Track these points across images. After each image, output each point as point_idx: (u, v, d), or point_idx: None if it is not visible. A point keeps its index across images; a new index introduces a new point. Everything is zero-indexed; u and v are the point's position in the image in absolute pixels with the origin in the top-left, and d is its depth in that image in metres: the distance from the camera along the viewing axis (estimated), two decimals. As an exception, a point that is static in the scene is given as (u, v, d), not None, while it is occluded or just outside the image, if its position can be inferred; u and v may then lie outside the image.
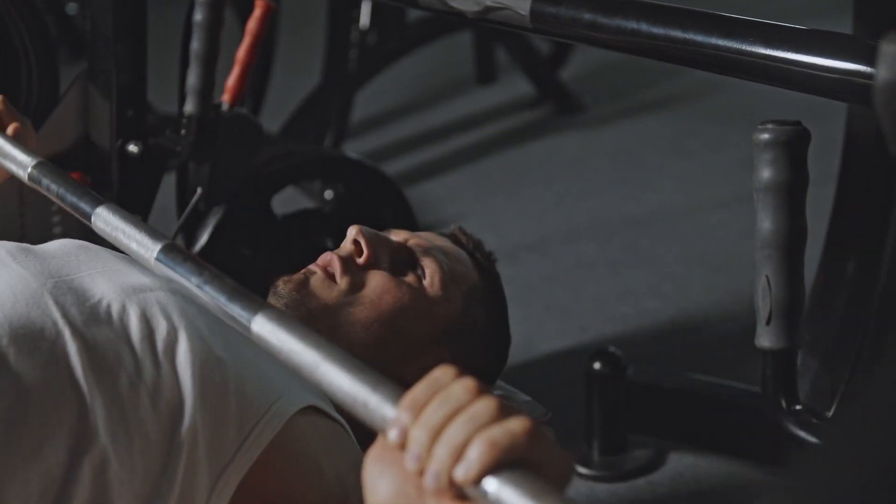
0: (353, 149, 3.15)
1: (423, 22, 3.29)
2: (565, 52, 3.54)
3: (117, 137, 1.78)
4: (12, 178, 1.38)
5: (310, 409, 1.19)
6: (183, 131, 1.77)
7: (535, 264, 2.62)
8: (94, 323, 1.16)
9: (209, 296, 1.01)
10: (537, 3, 1.26)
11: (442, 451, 0.76)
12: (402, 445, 0.79)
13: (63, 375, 1.12)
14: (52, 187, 1.29)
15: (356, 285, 1.34)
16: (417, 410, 0.79)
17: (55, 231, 1.83)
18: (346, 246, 1.37)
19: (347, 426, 1.23)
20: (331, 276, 1.34)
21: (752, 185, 1.16)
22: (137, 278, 1.23)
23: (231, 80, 1.78)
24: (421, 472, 0.78)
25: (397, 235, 1.42)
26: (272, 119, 3.03)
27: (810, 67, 1.05)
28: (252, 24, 1.78)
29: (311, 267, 1.36)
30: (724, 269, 2.52)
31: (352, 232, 1.37)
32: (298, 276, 1.35)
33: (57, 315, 1.15)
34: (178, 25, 1.85)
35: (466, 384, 0.79)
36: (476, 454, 0.75)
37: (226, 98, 1.78)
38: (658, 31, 1.14)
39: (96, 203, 1.21)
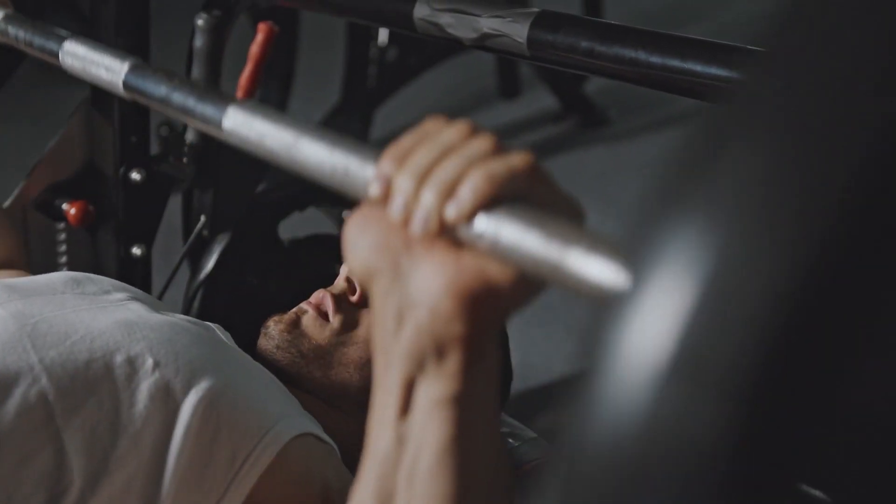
0: (373, 166, 3.12)
1: (444, 37, 3.25)
2: (590, 64, 3.49)
3: (120, 165, 1.75)
4: (17, 209, 1.35)
5: (303, 435, 1.16)
6: (185, 159, 1.73)
7: (557, 284, 2.57)
8: (73, 365, 1.12)
9: (179, 102, 0.96)
10: (534, 31, 1.22)
11: (430, 192, 0.66)
12: (386, 198, 0.68)
13: (38, 422, 1.09)
14: (19, 35, 1.22)
15: (349, 324, 1.30)
16: (403, 159, 0.68)
17: (60, 261, 1.80)
18: (339, 283, 1.33)
19: (338, 451, 1.20)
20: (323, 315, 1.30)
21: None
22: (123, 314, 1.20)
23: (234, 106, 1.75)
24: (407, 222, 0.67)
25: (393, 270, 1.37)
26: (291, 137, 3.01)
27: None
28: (254, 49, 1.74)
29: (303, 305, 1.32)
30: (749, 288, 2.46)
31: (344, 269, 1.33)
32: (290, 315, 1.31)
33: (34, 359, 1.12)
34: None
35: (460, 126, 0.68)
36: (469, 189, 0.64)
37: (229, 124, 1.75)
38: (656, 59, 1.10)
39: (63, 39, 1.14)
